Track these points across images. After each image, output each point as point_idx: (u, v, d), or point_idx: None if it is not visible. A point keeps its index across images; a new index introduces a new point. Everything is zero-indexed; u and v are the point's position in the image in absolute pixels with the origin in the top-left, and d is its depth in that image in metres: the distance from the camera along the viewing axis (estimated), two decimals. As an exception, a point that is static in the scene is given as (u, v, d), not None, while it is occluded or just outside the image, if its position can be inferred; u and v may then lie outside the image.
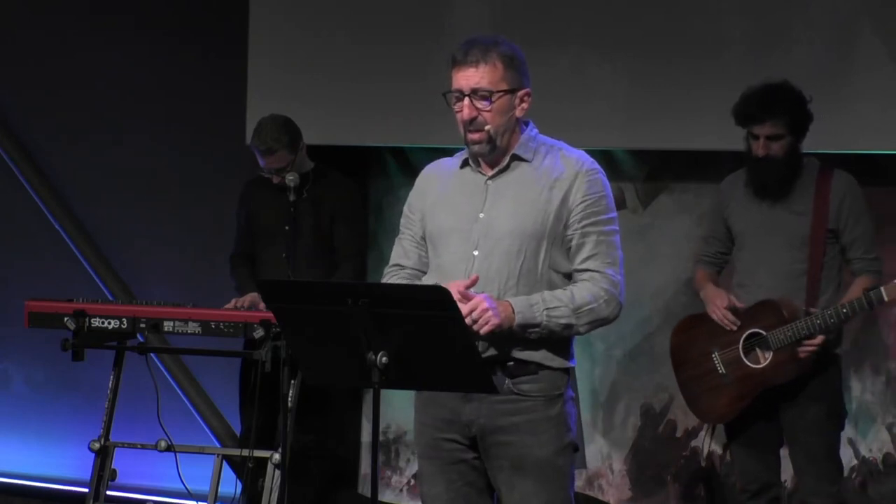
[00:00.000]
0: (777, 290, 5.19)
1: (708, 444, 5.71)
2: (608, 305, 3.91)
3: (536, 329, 3.85)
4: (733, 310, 5.25)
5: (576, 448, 3.99)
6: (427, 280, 4.03)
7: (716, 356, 5.28)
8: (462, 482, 3.99)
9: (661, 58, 5.99)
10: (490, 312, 3.78)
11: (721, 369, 5.26)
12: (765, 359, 5.17)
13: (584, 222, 3.91)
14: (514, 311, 3.82)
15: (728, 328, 5.24)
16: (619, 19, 6.07)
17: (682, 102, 5.95)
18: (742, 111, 5.22)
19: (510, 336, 3.86)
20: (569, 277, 3.95)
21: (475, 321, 3.77)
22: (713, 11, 5.94)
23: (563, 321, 3.87)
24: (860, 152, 5.80)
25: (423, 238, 4.06)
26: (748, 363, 5.20)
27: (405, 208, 4.13)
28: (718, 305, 5.27)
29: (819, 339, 5.09)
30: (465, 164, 4.03)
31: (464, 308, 3.75)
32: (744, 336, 5.21)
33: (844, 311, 5.08)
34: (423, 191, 4.09)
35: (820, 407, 5.20)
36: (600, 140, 6.03)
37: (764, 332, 5.16)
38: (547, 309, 3.85)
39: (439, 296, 3.61)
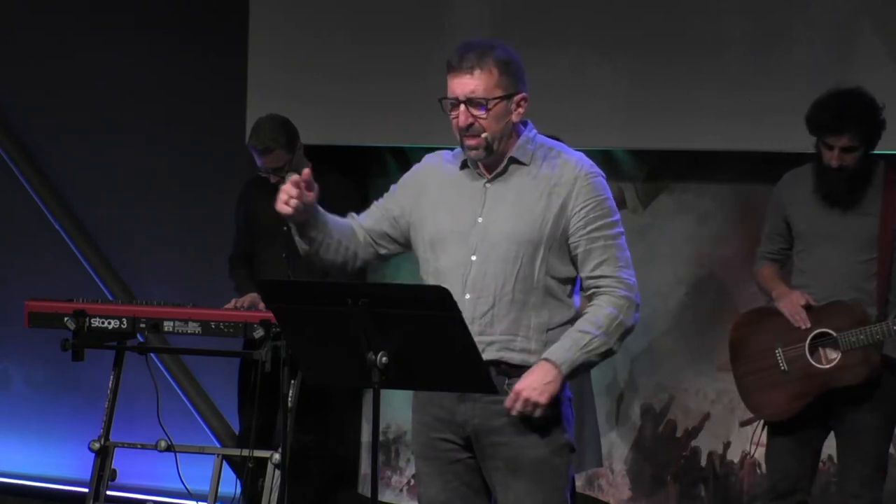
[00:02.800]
0: (845, 292, 5.09)
1: (757, 437, 5.49)
2: (629, 312, 3.89)
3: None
4: (805, 308, 5.15)
5: (572, 449, 3.98)
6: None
7: (779, 352, 5.16)
8: (458, 482, 3.98)
9: (661, 58, 5.99)
10: (532, 399, 3.80)
11: (783, 366, 5.15)
12: (829, 360, 5.08)
13: (590, 227, 3.89)
14: (559, 371, 3.83)
15: (799, 325, 5.11)
16: (619, 19, 6.06)
17: (682, 102, 5.95)
18: (818, 121, 5.05)
19: (508, 340, 3.87)
20: (566, 283, 3.93)
21: (524, 409, 3.82)
22: (713, 11, 5.94)
23: (602, 349, 3.87)
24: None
25: (395, 218, 4.04)
26: (813, 362, 5.11)
27: (396, 185, 4.11)
28: (794, 302, 5.13)
29: None
30: (463, 165, 4.02)
31: (507, 402, 3.82)
32: (811, 335, 5.11)
33: None
34: (423, 183, 4.05)
35: (878, 412, 5.12)
36: (600, 140, 6.02)
37: (833, 333, 5.07)
38: (581, 348, 3.84)
39: (439, 296, 3.61)
